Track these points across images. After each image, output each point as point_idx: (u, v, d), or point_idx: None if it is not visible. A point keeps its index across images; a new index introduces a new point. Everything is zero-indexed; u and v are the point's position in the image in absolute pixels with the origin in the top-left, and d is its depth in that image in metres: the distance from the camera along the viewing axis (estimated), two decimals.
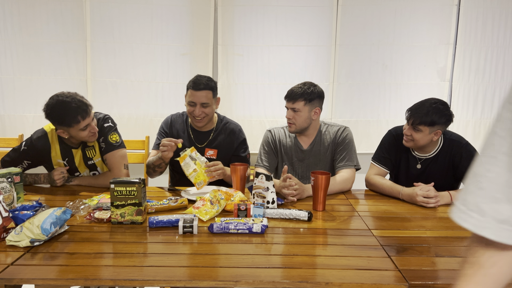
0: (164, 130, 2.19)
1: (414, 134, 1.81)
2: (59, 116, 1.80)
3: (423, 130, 1.79)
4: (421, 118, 1.77)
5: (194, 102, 1.99)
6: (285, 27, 3.34)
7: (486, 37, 3.37)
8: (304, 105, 1.92)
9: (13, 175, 1.54)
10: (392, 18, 3.34)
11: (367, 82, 3.43)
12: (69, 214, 1.34)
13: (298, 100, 1.92)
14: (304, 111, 1.93)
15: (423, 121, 1.77)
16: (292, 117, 1.94)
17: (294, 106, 1.93)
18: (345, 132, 2.01)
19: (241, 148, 2.16)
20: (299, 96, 1.91)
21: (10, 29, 3.25)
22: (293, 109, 1.93)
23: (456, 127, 3.45)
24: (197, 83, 1.99)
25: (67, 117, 1.79)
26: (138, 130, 3.40)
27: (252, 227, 1.34)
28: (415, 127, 1.80)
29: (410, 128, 1.83)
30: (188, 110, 2.05)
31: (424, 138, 1.81)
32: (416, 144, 1.85)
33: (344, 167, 1.96)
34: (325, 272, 1.09)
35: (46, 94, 3.29)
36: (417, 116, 1.79)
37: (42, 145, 1.94)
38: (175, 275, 1.06)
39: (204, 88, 1.98)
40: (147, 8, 3.28)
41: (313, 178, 1.62)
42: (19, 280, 1.04)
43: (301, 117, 1.94)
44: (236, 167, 1.78)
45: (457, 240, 1.34)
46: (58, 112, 1.79)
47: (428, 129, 1.79)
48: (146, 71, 3.36)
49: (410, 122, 1.83)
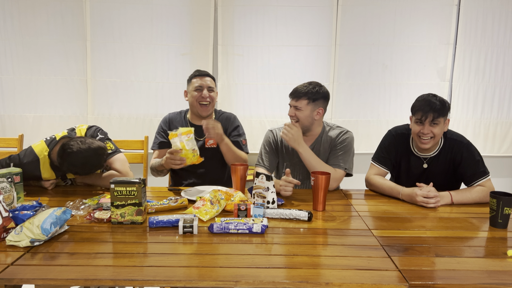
0: (163, 129, 2.20)
1: (433, 129, 1.80)
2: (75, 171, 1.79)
3: (440, 122, 1.80)
4: (439, 111, 1.77)
5: (201, 86, 2.12)
6: (285, 27, 3.34)
7: (486, 37, 3.37)
8: (307, 104, 1.93)
9: (13, 175, 1.54)
10: (392, 18, 3.34)
11: (367, 82, 3.43)
12: (69, 214, 1.34)
13: (302, 99, 1.93)
14: (306, 110, 1.94)
15: (441, 114, 1.78)
16: (294, 114, 1.96)
17: (297, 104, 1.94)
18: (345, 135, 2.00)
19: (235, 133, 2.21)
20: (303, 95, 1.93)
21: (10, 29, 3.25)
22: (296, 107, 1.94)
23: (456, 127, 3.45)
24: (201, 71, 2.19)
25: (82, 172, 1.81)
26: (138, 130, 3.40)
27: (252, 227, 1.34)
28: (434, 121, 1.79)
29: (428, 126, 1.80)
30: (194, 97, 2.12)
31: (441, 131, 1.82)
32: (435, 140, 1.84)
33: (334, 166, 1.95)
34: (325, 272, 1.09)
35: (46, 94, 3.34)
36: (435, 110, 1.77)
37: (32, 170, 1.81)
38: (175, 275, 1.06)
39: (208, 75, 2.17)
40: (147, 8, 3.28)
41: (313, 178, 1.62)
42: (19, 280, 1.04)
43: (303, 116, 1.95)
44: (236, 167, 1.78)
45: (457, 240, 1.34)
46: (80, 167, 1.76)
47: (443, 119, 1.80)
48: (146, 71, 3.36)
49: (428, 120, 1.79)
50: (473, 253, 1.24)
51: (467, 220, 1.55)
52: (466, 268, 1.13)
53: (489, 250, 1.27)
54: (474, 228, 1.47)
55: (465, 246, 1.29)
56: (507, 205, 1.43)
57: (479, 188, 1.78)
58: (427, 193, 1.70)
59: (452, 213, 1.64)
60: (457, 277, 1.07)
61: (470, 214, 1.62)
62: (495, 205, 1.45)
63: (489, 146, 3.52)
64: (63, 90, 3.34)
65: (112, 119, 3.39)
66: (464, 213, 1.64)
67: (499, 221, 1.45)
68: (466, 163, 1.84)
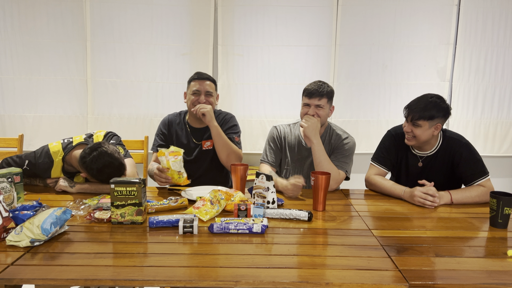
0: (162, 131, 2.19)
1: (415, 130, 1.82)
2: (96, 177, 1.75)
3: (423, 125, 1.80)
4: (420, 113, 1.79)
5: (199, 90, 2.07)
6: (285, 27, 3.34)
7: (486, 37, 3.37)
8: (327, 102, 1.99)
9: (13, 175, 1.54)
10: (392, 18, 3.34)
11: (367, 82, 3.43)
12: (69, 214, 1.34)
13: (324, 97, 1.97)
14: (326, 109, 2.00)
15: (422, 116, 1.79)
16: (315, 113, 1.98)
17: (320, 103, 1.97)
18: (348, 139, 2.04)
19: (230, 130, 2.16)
20: (325, 94, 1.96)
21: (10, 29, 3.25)
22: (318, 105, 1.97)
23: (456, 127, 3.45)
24: (201, 74, 2.13)
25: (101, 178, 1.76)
26: (138, 130, 3.40)
27: (252, 227, 1.34)
28: (414, 122, 1.82)
29: (410, 124, 1.84)
30: (191, 101, 2.09)
31: (425, 133, 1.82)
32: (418, 140, 1.85)
33: (338, 168, 1.96)
34: (325, 272, 1.09)
35: (46, 94, 3.34)
36: (416, 111, 1.81)
37: (43, 171, 1.88)
38: (175, 275, 1.06)
39: (208, 79, 2.11)
40: (147, 8, 3.28)
41: (313, 178, 1.62)
42: (19, 280, 1.04)
43: (323, 114, 1.98)
44: (236, 167, 1.78)
45: (457, 240, 1.34)
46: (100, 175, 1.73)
47: (427, 123, 1.80)
48: (146, 71, 3.36)
49: (409, 118, 1.84)
50: (473, 253, 1.24)
51: (467, 220, 1.55)
52: (466, 268, 1.13)
53: (489, 250, 1.27)
54: (474, 228, 1.47)
55: (465, 246, 1.29)
56: (507, 205, 1.43)
57: (478, 188, 1.78)
58: (426, 191, 1.70)
59: (452, 213, 1.64)
60: (457, 277, 1.07)
61: (470, 214, 1.62)
62: (495, 205, 1.45)
63: (489, 146, 3.52)
64: (63, 90, 3.34)
65: (112, 119, 3.39)
66: (464, 213, 1.64)
67: (499, 221, 1.45)
68: (466, 162, 1.84)
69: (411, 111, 1.83)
